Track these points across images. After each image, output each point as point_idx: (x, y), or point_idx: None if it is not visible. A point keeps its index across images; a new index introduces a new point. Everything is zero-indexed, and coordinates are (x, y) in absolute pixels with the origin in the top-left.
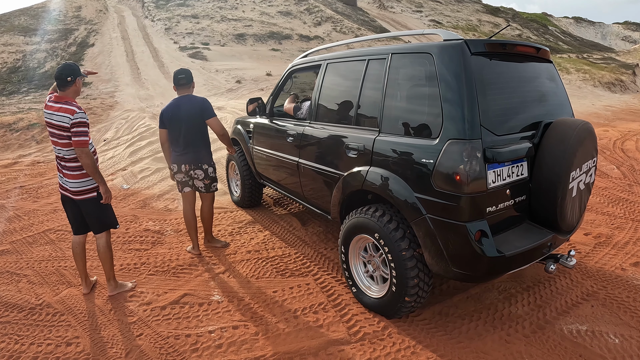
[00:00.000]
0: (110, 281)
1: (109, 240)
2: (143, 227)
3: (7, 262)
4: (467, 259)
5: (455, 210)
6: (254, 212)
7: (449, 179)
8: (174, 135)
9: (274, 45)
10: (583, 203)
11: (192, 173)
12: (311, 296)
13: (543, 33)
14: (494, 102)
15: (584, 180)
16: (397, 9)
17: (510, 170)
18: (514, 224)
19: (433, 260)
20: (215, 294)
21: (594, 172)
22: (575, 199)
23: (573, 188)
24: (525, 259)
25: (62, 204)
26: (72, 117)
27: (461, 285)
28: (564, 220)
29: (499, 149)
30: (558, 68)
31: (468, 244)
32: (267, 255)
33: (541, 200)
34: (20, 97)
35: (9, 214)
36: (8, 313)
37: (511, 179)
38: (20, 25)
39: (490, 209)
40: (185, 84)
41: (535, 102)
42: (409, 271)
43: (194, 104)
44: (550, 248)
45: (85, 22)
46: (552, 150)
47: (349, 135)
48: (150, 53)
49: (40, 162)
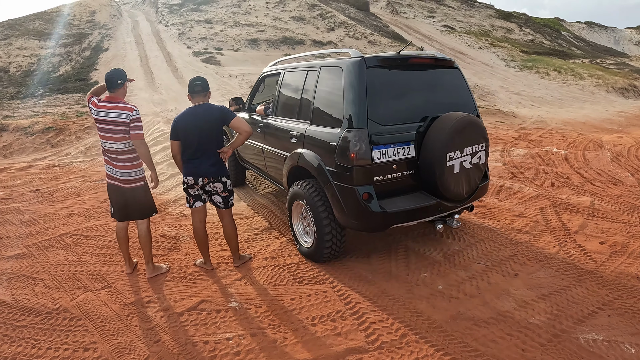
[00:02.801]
0: (149, 264)
1: (149, 227)
2: (159, 233)
3: (23, 266)
4: (359, 214)
5: (349, 178)
6: (270, 219)
7: (345, 156)
8: (189, 146)
9: (287, 51)
10: (472, 179)
11: (210, 186)
12: (329, 304)
13: (556, 38)
14: (383, 101)
15: (469, 160)
16: (409, 14)
17: (395, 151)
18: (408, 191)
19: (339, 215)
20: (232, 300)
21: (483, 155)
22: (459, 175)
23: (454, 166)
24: (408, 216)
25: (109, 192)
26: (131, 114)
27: (473, 293)
28: (448, 191)
29: (382, 135)
30: (571, 74)
31: (358, 202)
32: (284, 262)
33: (425, 174)
34: (35, 100)
35: (25, 218)
36: (25, 317)
37: (397, 157)
38: (34, 30)
39: (377, 177)
40: (200, 91)
41: (428, 100)
42: (324, 226)
43: (212, 112)
44: (440, 212)
45: (99, 27)
46: (432, 136)
47: (292, 126)
48: (163, 58)
49: (55, 166)
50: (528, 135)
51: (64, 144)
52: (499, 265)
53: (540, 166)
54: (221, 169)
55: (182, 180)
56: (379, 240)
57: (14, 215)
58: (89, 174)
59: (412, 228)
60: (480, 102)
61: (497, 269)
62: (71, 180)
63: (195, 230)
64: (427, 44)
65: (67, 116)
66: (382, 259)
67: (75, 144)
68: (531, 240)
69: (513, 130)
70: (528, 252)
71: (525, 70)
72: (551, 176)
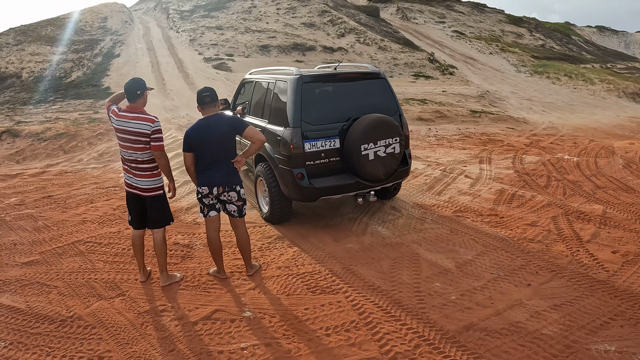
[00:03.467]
0: (163, 273)
1: (165, 236)
2: (172, 241)
3: (37, 273)
4: (294, 188)
5: (288, 162)
6: (282, 227)
7: (286, 147)
8: (203, 157)
9: (297, 57)
10: (388, 164)
11: (224, 196)
12: (342, 314)
13: (566, 43)
14: (314, 107)
15: (383, 150)
16: (419, 20)
17: (323, 143)
18: (338, 173)
19: (283, 189)
20: (246, 310)
21: (397, 147)
22: (374, 161)
23: (368, 154)
24: (332, 191)
25: (127, 201)
26: (152, 125)
27: (486, 303)
28: (365, 173)
29: (312, 132)
30: (582, 79)
31: (294, 180)
32: (297, 271)
33: (346, 160)
34: (47, 106)
35: (38, 224)
36: (39, 325)
37: (324, 148)
38: (47, 36)
39: (309, 162)
40: (210, 102)
41: (353, 105)
42: (274, 197)
43: (224, 122)
44: (361, 189)
45: (111, 33)
46: (351, 132)
47: (258, 124)
48: (175, 64)
49: (68, 172)
50: (539, 142)
51: (77, 150)
52: (512, 275)
53: (552, 173)
54: (235, 178)
55: (196, 190)
56: (392, 250)
57: (27, 221)
58: (102, 181)
59: (425, 236)
60: (491, 108)
61: (510, 279)
62: (84, 187)
63: (210, 240)
64: (437, 50)
65: (80, 122)
66: (394, 268)
67: (88, 150)
68: (543, 250)
69: (524, 137)
70: (540, 262)
71: (536, 76)
72: (563, 184)
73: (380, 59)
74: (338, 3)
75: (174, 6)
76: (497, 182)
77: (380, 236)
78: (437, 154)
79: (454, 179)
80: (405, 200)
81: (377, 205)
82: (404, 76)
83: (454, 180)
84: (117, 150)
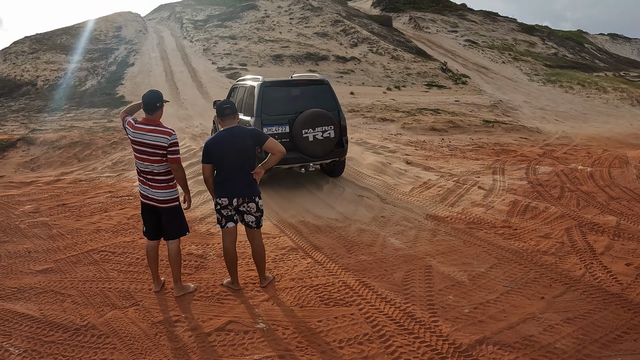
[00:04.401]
0: (177, 283)
1: (180, 246)
2: (186, 251)
3: (51, 281)
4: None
5: None
6: (296, 238)
7: None
8: (223, 168)
9: (310, 66)
10: (325, 145)
11: (243, 207)
12: (355, 326)
13: (579, 51)
14: (272, 104)
15: (320, 135)
16: (432, 29)
17: (276, 128)
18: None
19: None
20: (260, 321)
21: (332, 133)
22: (313, 142)
23: (308, 137)
24: (282, 162)
25: (142, 212)
26: (170, 138)
27: (499, 317)
28: (306, 151)
29: (269, 120)
30: (595, 87)
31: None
32: (311, 283)
33: (292, 141)
34: (62, 114)
35: (53, 232)
36: (53, 333)
37: (277, 132)
38: (62, 44)
39: None
40: (230, 114)
41: (302, 103)
42: None
43: (246, 135)
44: (303, 162)
45: (125, 42)
46: (296, 121)
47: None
48: (188, 73)
49: (82, 181)
50: (553, 152)
51: (91, 159)
52: (525, 288)
53: (566, 184)
54: (255, 189)
55: (215, 201)
56: (405, 262)
57: (42, 229)
58: (116, 190)
59: (438, 248)
60: (504, 118)
61: (523, 292)
62: (98, 195)
63: (226, 251)
64: (450, 59)
65: (94, 131)
66: (407, 280)
67: (102, 159)
68: (557, 262)
69: (538, 147)
70: (554, 274)
71: (549, 85)
72: (577, 195)
73: (393, 69)
74: (351, 13)
75: (188, 16)
76: (511, 193)
77: (393, 248)
78: (450, 164)
79: (467, 190)
80: (418, 211)
81: (389, 216)
82: (417, 86)
83: (467, 191)
84: (131, 159)
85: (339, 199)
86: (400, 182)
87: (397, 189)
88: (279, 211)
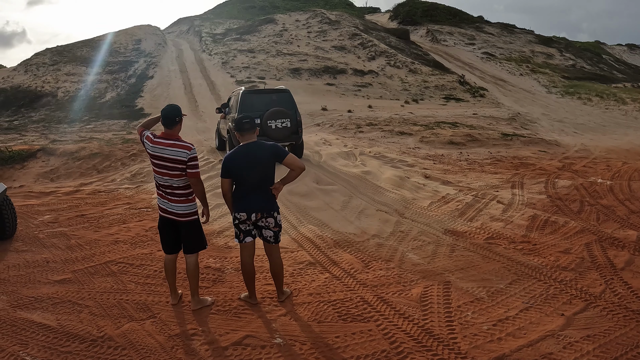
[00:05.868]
0: (195, 297)
1: (198, 260)
2: (203, 264)
3: (69, 292)
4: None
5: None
6: (314, 253)
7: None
8: (242, 183)
9: (328, 80)
10: (283, 132)
11: (262, 222)
12: (373, 343)
13: (597, 62)
14: (249, 105)
15: (280, 125)
16: (449, 42)
17: None
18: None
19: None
20: (277, 336)
21: (288, 123)
22: (275, 130)
23: (272, 126)
24: None
25: (161, 226)
26: (189, 152)
27: (518, 334)
28: (271, 135)
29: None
30: (614, 99)
31: None
32: (329, 298)
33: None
34: (82, 125)
35: (71, 242)
36: (70, 343)
37: None
38: (82, 56)
39: None
40: (250, 129)
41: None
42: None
43: (265, 149)
44: None
45: (144, 55)
46: (265, 116)
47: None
48: (207, 86)
49: (101, 192)
50: (572, 165)
51: (110, 170)
52: (544, 305)
53: (585, 198)
54: (273, 204)
55: (233, 216)
56: (423, 277)
57: (60, 239)
58: (135, 201)
59: (456, 264)
60: (523, 131)
61: (542, 308)
62: (117, 207)
63: (244, 265)
64: (467, 72)
65: (113, 142)
66: (425, 296)
67: (121, 171)
68: (577, 278)
69: (557, 160)
70: (574, 291)
71: (567, 97)
72: (596, 209)
73: (410, 82)
74: (368, 26)
75: (207, 29)
76: (530, 207)
77: (411, 263)
78: (468, 178)
79: (485, 205)
80: (437, 226)
81: (407, 230)
82: (435, 99)
83: (485, 205)
84: (149, 171)
85: (357, 214)
86: (419, 196)
87: (416, 203)
88: (297, 225)
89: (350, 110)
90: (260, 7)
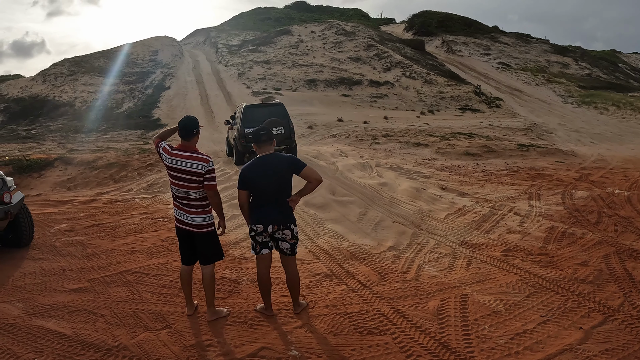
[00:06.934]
0: (210, 308)
1: (214, 271)
2: (220, 275)
3: (84, 300)
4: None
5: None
6: (331, 265)
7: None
8: (259, 195)
9: (344, 91)
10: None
11: (279, 234)
12: (389, 356)
13: (613, 71)
14: (250, 117)
15: (275, 131)
16: (465, 52)
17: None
18: None
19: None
20: (292, 348)
21: (282, 130)
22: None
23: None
24: None
25: (178, 236)
26: (207, 165)
27: (536, 348)
28: None
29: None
30: (630, 108)
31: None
32: (345, 310)
33: None
34: (99, 135)
35: (87, 251)
36: (85, 352)
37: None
38: (99, 67)
39: (247, 137)
40: (267, 140)
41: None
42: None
43: (282, 161)
44: None
45: (161, 66)
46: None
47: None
48: (223, 97)
49: (118, 201)
50: (589, 176)
51: (127, 180)
52: (562, 318)
53: (603, 209)
54: (290, 216)
55: (250, 227)
56: (439, 290)
57: (77, 248)
58: (151, 211)
59: (473, 276)
60: (539, 141)
61: (560, 322)
62: (133, 217)
63: (260, 277)
64: (483, 82)
65: (130, 152)
66: (442, 309)
67: (138, 180)
68: (595, 291)
69: (574, 171)
70: (592, 304)
71: (584, 106)
72: (614, 220)
73: (426, 93)
74: (383, 37)
75: (223, 41)
76: (547, 219)
77: (428, 275)
78: (485, 190)
79: (502, 216)
80: (453, 238)
81: (424, 242)
82: (450, 110)
83: (502, 217)
84: (166, 181)
85: (374, 225)
86: (435, 208)
87: (432, 215)
88: (313, 237)
89: (366, 121)
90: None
